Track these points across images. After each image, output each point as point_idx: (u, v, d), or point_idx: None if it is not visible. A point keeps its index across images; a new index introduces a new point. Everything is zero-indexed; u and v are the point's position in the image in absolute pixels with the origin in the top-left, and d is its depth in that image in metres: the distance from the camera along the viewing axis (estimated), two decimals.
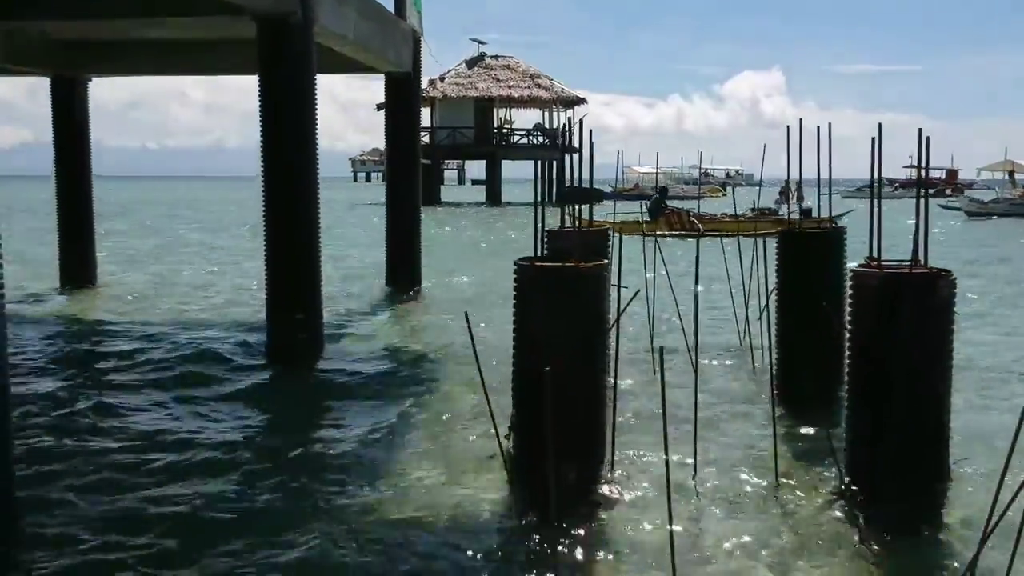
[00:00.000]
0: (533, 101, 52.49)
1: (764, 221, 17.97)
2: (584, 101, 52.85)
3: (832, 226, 8.67)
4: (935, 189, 75.89)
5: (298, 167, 10.16)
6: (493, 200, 53.00)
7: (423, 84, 52.41)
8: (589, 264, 6.00)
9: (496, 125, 53.05)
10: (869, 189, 6.35)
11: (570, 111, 52.52)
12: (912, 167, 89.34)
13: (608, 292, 6.13)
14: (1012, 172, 46.09)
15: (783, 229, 8.95)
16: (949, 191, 71.66)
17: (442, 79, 51.91)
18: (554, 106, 51.92)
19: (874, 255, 6.22)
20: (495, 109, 52.66)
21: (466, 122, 51.55)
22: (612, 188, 57.81)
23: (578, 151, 6.33)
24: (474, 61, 53.53)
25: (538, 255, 6.43)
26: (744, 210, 22.15)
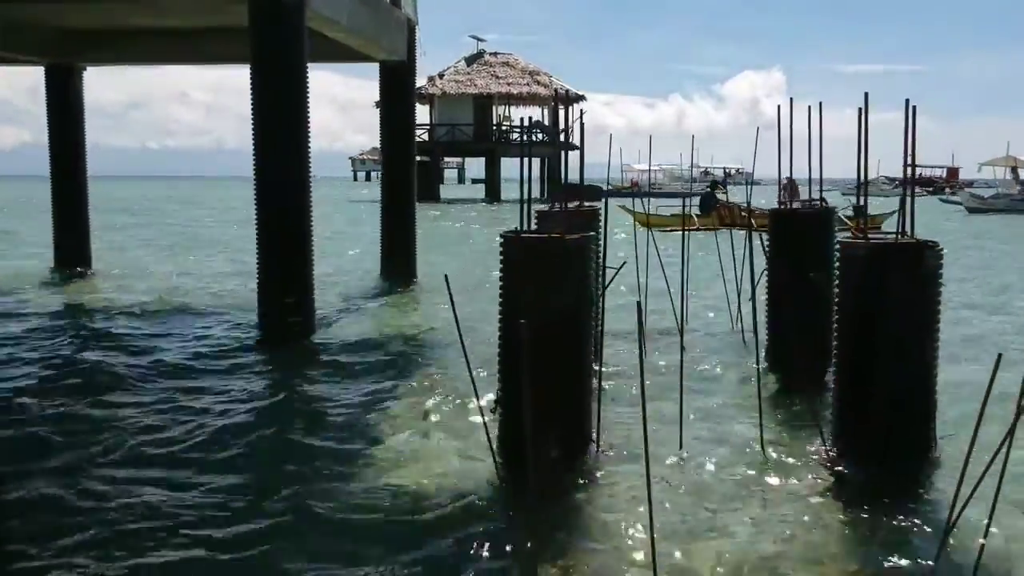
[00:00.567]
0: (532, 98, 52.47)
1: None
2: (583, 98, 52.74)
3: (823, 206, 8.66)
4: (935, 187, 75.86)
5: (290, 150, 10.16)
6: (493, 197, 52.96)
7: (422, 81, 52.30)
8: (574, 236, 5.97)
9: (495, 122, 53.03)
10: (871, 187, 6.34)
11: (569, 108, 52.65)
12: (913, 166, 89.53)
13: (592, 265, 6.11)
14: (1015, 167, 45.95)
15: (780, 210, 8.96)
16: (949, 189, 71.51)
17: (441, 76, 52.05)
18: (553, 103, 51.86)
19: (860, 227, 6.22)
20: (494, 106, 52.65)
21: (465, 119, 51.56)
22: (610, 186, 57.50)
23: (577, 148, 6.32)
24: (473, 58, 53.54)
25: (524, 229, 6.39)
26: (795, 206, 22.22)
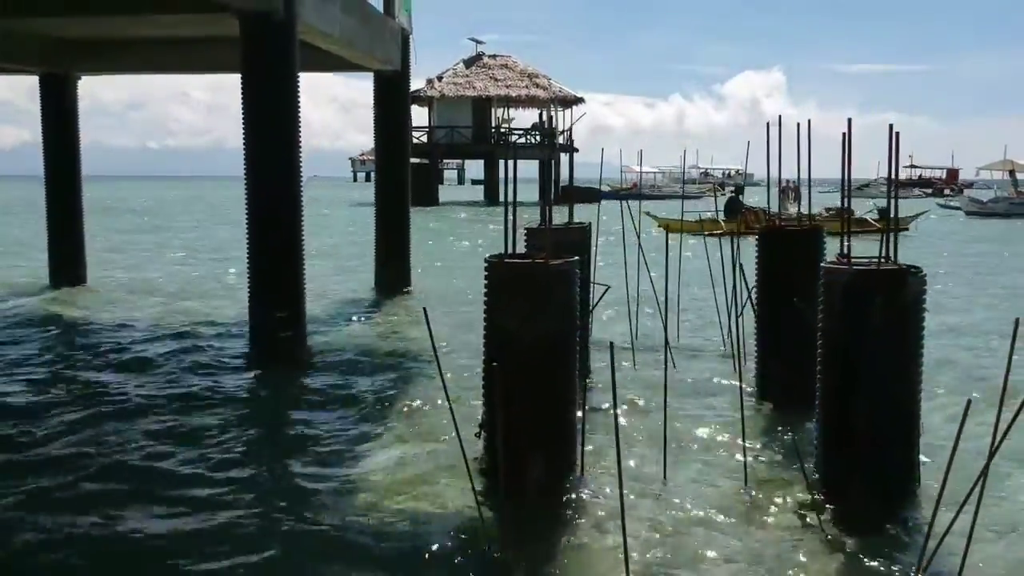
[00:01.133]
0: (531, 100, 52.46)
1: (838, 220, 18.79)
2: (582, 100, 52.85)
3: (811, 224, 8.68)
4: (934, 188, 75.88)
5: (281, 165, 10.14)
6: (492, 199, 52.98)
7: (421, 84, 52.31)
8: (558, 260, 5.98)
9: (494, 124, 53.06)
10: (870, 188, 6.38)
11: (568, 110, 52.65)
12: (911, 167, 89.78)
13: (577, 290, 6.10)
14: (1012, 171, 46.00)
15: (768, 227, 8.97)
16: (948, 191, 71.54)
17: (440, 78, 52.11)
18: (552, 105, 51.88)
19: (844, 252, 6.23)
20: (493, 108, 52.69)
21: (464, 121, 51.66)
22: (609, 187, 57.75)
23: (576, 150, 6.32)
24: (472, 60, 53.58)
25: (508, 252, 6.39)
26: (819, 210, 22.40)
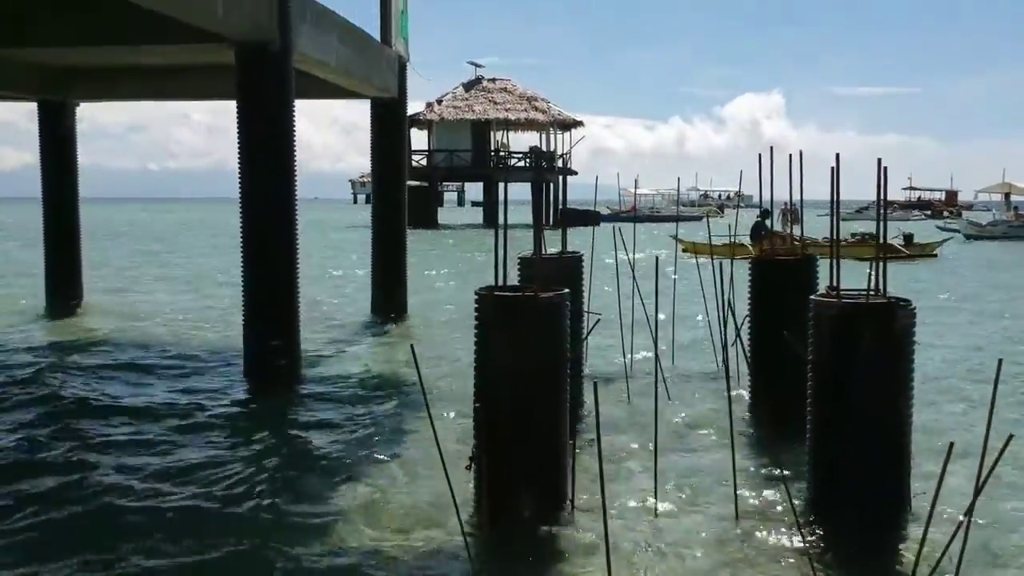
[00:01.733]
0: (530, 124, 52.67)
1: (865, 246, 20.93)
2: (581, 124, 53.04)
3: (803, 255, 8.72)
4: (933, 210, 75.98)
5: (276, 195, 10.21)
6: (490, 222, 53.10)
7: (421, 107, 52.33)
8: (548, 293, 5.99)
9: (493, 148, 53.23)
10: (869, 211, 6.39)
11: (567, 133, 52.82)
12: (911, 188, 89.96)
13: (567, 321, 6.10)
14: (1008, 194, 46.15)
15: (761, 256, 9.01)
16: (947, 213, 71.67)
17: (439, 102, 52.35)
18: (551, 128, 52.12)
19: (834, 284, 6.26)
20: (492, 132, 52.86)
21: (463, 145, 51.83)
22: (609, 210, 57.86)
23: (575, 173, 6.31)
24: (471, 84, 53.78)
25: (498, 284, 6.38)
26: (844, 235, 22.45)
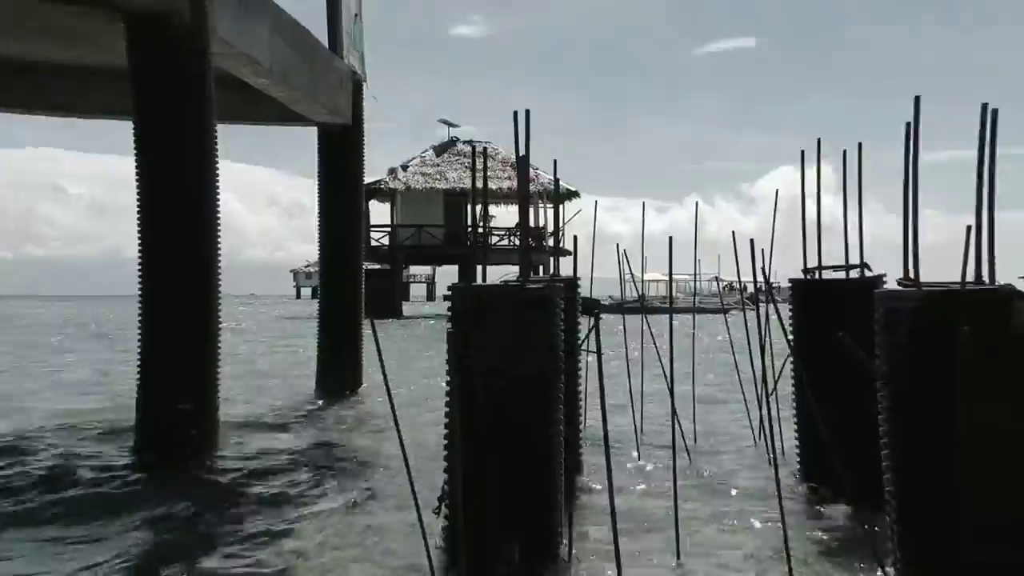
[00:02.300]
0: (515, 195, 51.49)
1: None
2: (576, 195, 50.72)
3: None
4: None
5: (190, 207, 9.03)
6: None
7: (382, 172, 50.65)
8: (538, 284, 5.12)
9: (470, 223, 51.93)
10: None
11: (560, 207, 51.71)
12: None
13: (560, 320, 5.17)
14: None
15: (800, 280, 7.94)
16: None
17: (405, 168, 49.30)
18: (540, 200, 50.10)
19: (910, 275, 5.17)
20: (468, 204, 51.40)
21: (434, 219, 49.55)
22: (610, 299, 56.59)
23: (569, 253, 5.89)
24: (444, 147, 50.95)
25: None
26: None
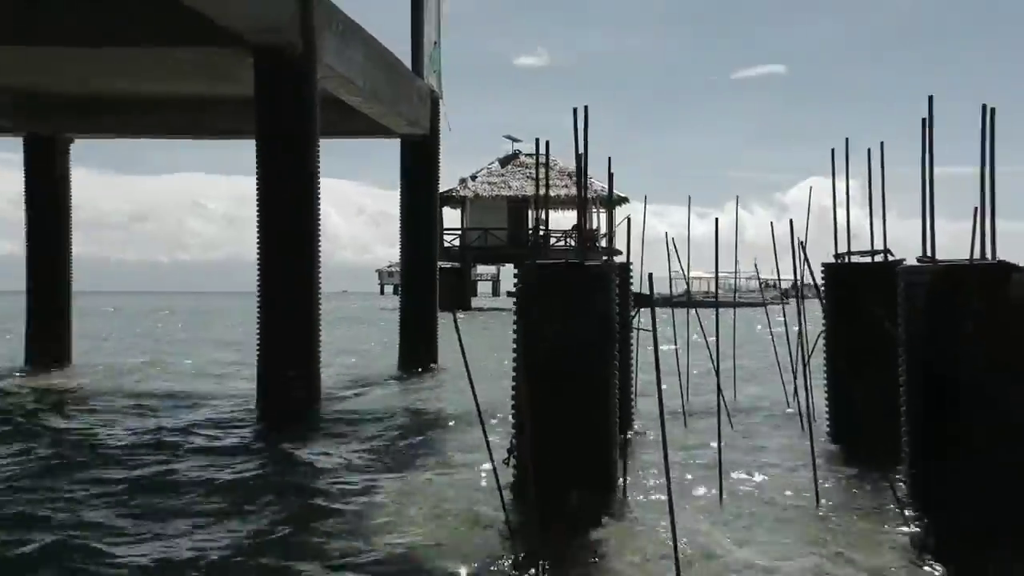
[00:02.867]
0: (571, 201, 52.85)
1: None
2: (626, 200, 52.50)
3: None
4: None
5: (297, 213, 10.29)
6: None
7: (453, 183, 52.27)
8: (596, 263, 5.92)
9: (530, 226, 53.36)
10: None
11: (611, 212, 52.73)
12: None
13: (615, 295, 5.96)
14: None
15: (832, 265, 8.78)
16: None
17: (474, 178, 52.59)
18: (594, 206, 51.51)
19: (927, 253, 6.02)
20: (530, 209, 53.07)
21: (499, 223, 51.89)
22: (659, 295, 57.08)
23: (619, 252, 6.38)
24: (508, 159, 54.00)
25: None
26: None
